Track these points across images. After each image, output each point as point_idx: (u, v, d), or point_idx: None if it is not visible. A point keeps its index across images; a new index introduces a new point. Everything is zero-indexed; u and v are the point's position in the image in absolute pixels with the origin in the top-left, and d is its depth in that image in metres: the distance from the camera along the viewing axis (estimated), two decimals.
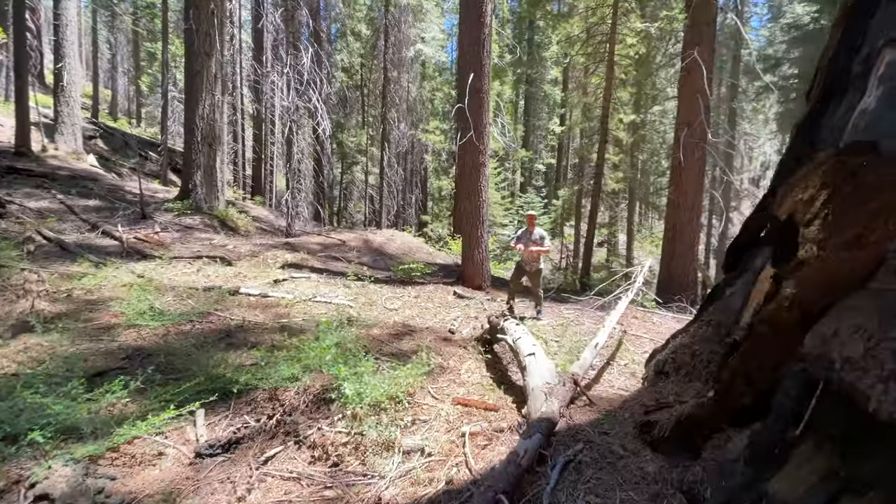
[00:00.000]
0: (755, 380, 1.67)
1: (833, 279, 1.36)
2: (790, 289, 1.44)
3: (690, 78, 9.46)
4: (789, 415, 1.56)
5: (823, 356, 1.38)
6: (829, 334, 1.39)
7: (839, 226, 1.27)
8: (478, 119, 7.98)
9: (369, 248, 11.18)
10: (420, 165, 21.75)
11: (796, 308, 1.46)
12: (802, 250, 1.37)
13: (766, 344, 1.58)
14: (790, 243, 1.45)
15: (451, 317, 6.49)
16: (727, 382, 1.78)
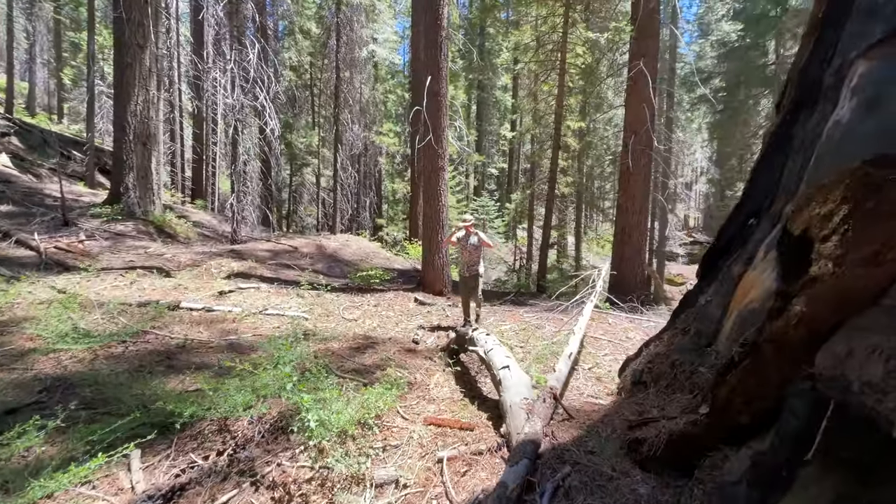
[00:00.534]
0: (755, 398, 1.61)
1: (845, 296, 1.29)
2: (800, 306, 1.36)
3: (637, 87, 9.83)
4: (796, 436, 1.49)
5: (839, 377, 1.30)
6: (843, 354, 1.32)
7: (857, 242, 1.20)
8: (436, 122, 7.81)
9: (323, 255, 10.67)
10: (374, 168, 21.28)
11: (804, 326, 1.39)
12: (816, 267, 1.29)
13: (769, 361, 1.51)
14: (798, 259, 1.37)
15: (413, 325, 6.25)
16: (724, 400, 1.71)
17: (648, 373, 2.64)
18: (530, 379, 3.24)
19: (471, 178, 26.59)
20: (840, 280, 1.25)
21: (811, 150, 2.11)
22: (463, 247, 5.79)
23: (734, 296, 2.25)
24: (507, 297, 8.94)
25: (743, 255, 2.33)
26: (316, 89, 23.61)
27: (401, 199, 25.85)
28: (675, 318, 2.84)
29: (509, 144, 29.61)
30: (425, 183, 8.13)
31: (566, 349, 3.71)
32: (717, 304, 2.38)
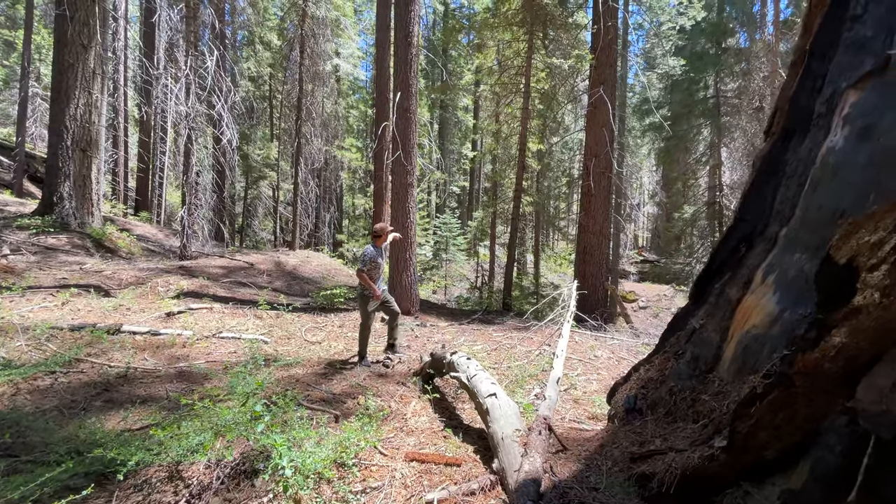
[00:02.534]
0: (783, 433, 1.52)
1: (891, 327, 1.21)
2: (840, 337, 1.28)
3: (597, 113, 10.19)
4: (834, 474, 1.40)
5: (886, 412, 1.22)
6: (888, 387, 1.24)
7: None
8: (406, 139, 7.66)
9: (282, 272, 10.11)
10: (335, 182, 20.77)
11: (842, 357, 1.31)
12: (861, 297, 1.22)
13: (801, 394, 1.43)
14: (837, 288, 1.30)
15: (381, 347, 5.94)
16: (746, 434, 1.61)
17: (643, 399, 2.54)
18: (518, 407, 3.07)
19: (433, 196, 26.61)
20: (886, 311, 1.18)
21: (804, 175, 2.13)
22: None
23: (733, 320, 2.21)
24: (475, 316, 8.79)
25: (737, 278, 2.31)
26: (275, 101, 22.93)
27: (362, 215, 25.37)
28: (665, 342, 2.79)
29: (471, 164, 30.02)
30: (394, 199, 7.91)
31: (552, 374, 3.58)
32: (712, 329, 2.33)
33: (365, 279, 5.12)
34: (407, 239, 7.91)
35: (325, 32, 13.89)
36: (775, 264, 2.09)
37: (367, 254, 5.18)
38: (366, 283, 5.14)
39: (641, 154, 28.36)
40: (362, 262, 5.15)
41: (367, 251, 5.21)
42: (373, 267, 5.23)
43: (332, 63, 15.43)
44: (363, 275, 5.11)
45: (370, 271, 5.20)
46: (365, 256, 5.17)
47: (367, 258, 5.17)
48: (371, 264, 5.20)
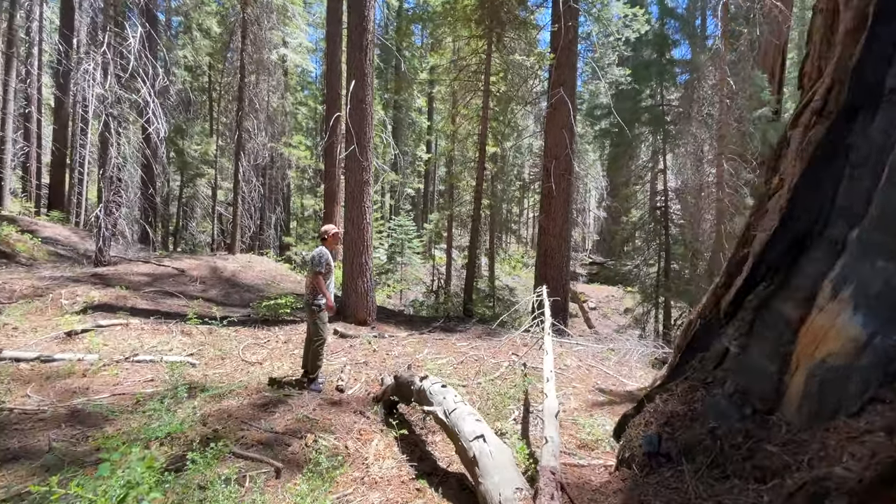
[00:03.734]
0: None
1: None
2: None
3: (557, 114, 9.91)
4: None
5: None
6: None
7: None
8: (361, 132, 6.89)
9: (219, 279, 8.93)
10: (282, 182, 19.36)
11: None
12: None
13: None
14: None
15: (335, 366, 5.13)
16: None
17: (670, 440, 2.02)
18: (511, 450, 2.45)
19: (387, 198, 25.70)
20: None
21: (880, 163, 1.70)
22: None
23: (796, 345, 1.74)
24: (436, 324, 8.14)
25: (790, 290, 1.86)
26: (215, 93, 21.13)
27: (311, 216, 23.97)
28: (684, 365, 2.31)
29: (425, 166, 29.41)
30: (348, 198, 7.10)
31: (547, 404, 2.99)
32: (762, 354, 1.85)
33: (321, 285, 4.34)
34: (363, 242, 7.13)
35: (271, 18, 12.72)
36: (849, 275, 1.65)
37: (323, 255, 4.41)
38: (321, 290, 4.36)
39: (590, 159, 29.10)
40: (317, 265, 4.37)
41: (322, 252, 4.44)
42: (328, 271, 4.47)
43: (279, 52, 14.23)
44: (320, 279, 4.33)
45: (324, 276, 4.44)
46: (321, 258, 4.39)
47: (324, 260, 4.41)
48: (327, 268, 4.44)
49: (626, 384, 5.51)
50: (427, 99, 28.78)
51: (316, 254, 4.43)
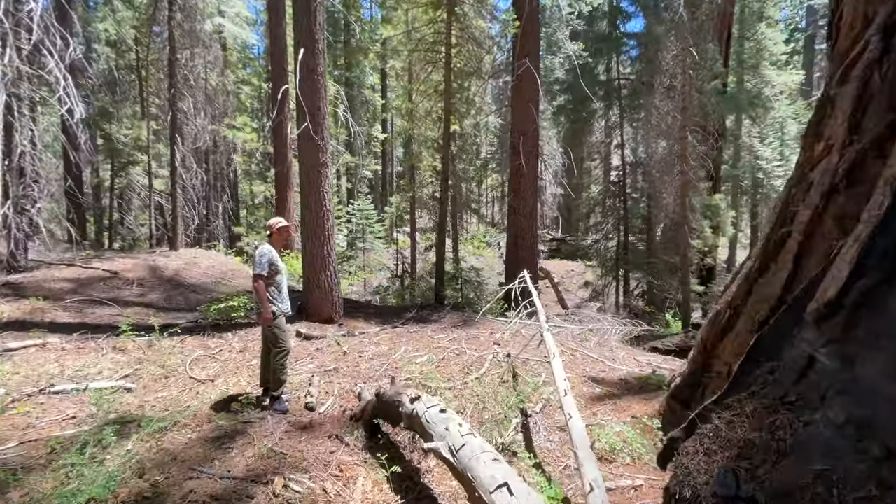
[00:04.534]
0: None
1: None
2: None
3: (523, 87, 9.38)
4: None
5: None
6: None
7: None
8: (314, 106, 6.04)
9: (160, 279, 7.86)
10: (228, 167, 17.75)
11: None
12: None
13: None
14: None
15: (301, 377, 4.47)
16: None
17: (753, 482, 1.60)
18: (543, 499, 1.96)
19: (343, 181, 24.42)
20: None
21: None
22: None
23: None
24: (408, 315, 7.57)
25: None
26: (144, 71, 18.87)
27: (262, 203, 22.39)
28: (745, 376, 1.90)
29: (382, 146, 28.21)
30: (304, 182, 6.28)
31: (574, 428, 2.45)
32: (879, 371, 1.44)
33: (261, 291, 3.64)
34: (323, 231, 6.37)
35: None
36: None
37: (265, 255, 3.70)
38: (259, 297, 3.67)
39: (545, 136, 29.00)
40: (259, 266, 3.66)
41: (264, 252, 3.73)
42: (274, 272, 3.76)
43: (214, 22, 12.68)
44: (259, 285, 3.63)
45: (269, 279, 3.73)
46: (261, 258, 3.68)
47: (266, 260, 3.70)
48: (271, 268, 3.73)
49: (616, 369, 5.24)
50: (380, 75, 27.38)
51: (257, 254, 3.71)
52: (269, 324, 3.68)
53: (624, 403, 3.70)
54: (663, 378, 4.04)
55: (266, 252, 3.69)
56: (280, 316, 3.78)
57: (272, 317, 3.68)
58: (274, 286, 3.77)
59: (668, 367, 5.68)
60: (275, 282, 3.77)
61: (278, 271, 3.78)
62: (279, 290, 3.81)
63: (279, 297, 3.80)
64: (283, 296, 3.84)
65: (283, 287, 3.84)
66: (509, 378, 4.51)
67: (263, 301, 3.65)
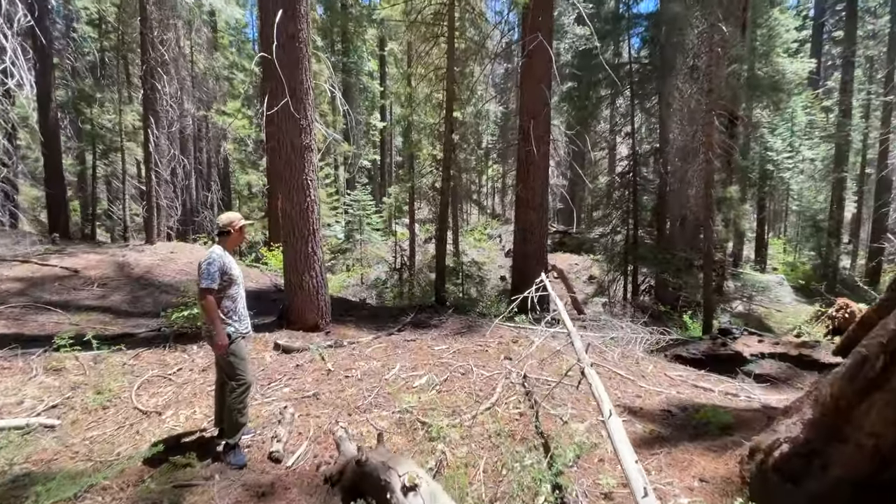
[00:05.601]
0: None
1: None
2: None
3: (534, 66, 8.38)
4: None
5: None
6: None
7: None
8: (294, 77, 5.08)
9: (128, 278, 6.95)
10: (218, 156, 16.74)
11: None
12: None
13: None
14: None
15: (271, 406, 3.59)
16: None
17: None
18: None
19: (341, 170, 23.40)
20: None
21: None
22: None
23: None
24: (406, 320, 6.68)
25: None
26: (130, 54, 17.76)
27: (257, 194, 21.39)
28: None
29: (380, 135, 27.14)
30: (285, 168, 5.34)
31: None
32: None
33: (211, 309, 2.74)
34: (307, 225, 5.45)
35: None
36: None
37: (214, 260, 2.79)
38: (209, 317, 2.77)
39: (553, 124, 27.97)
40: (207, 277, 2.75)
41: (213, 256, 2.81)
42: (227, 284, 2.85)
43: None
44: (208, 302, 2.73)
45: (222, 292, 2.83)
46: (209, 266, 2.77)
47: (216, 268, 2.79)
48: (224, 279, 2.82)
49: (651, 391, 4.37)
50: (378, 62, 26.21)
51: (203, 262, 2.80)
52: (224, 351, 2.79)
53: (682, 454, 2.83)
54: (726, 417, 3.16)
55: (215, 258, 2.78)
56: (238, 339, 2.88)
57: (227, 342, 2.78)
58: (228, 300, 2.87)
59: (707, 386, 4.83)
60: (229, 295, 2.86)
61: (233, 281, 2.87)
62: (235, 304, 2.91)
63: (236, 313, 2.90)
64: (240, 312, 2.94)
65: (239, 301, 2.94)
66: (529, 411, 3.63)
67: (215, 322, 2.75)
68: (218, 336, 2.75)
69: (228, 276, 2.83)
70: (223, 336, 2.75)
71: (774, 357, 6.38)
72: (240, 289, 2.94)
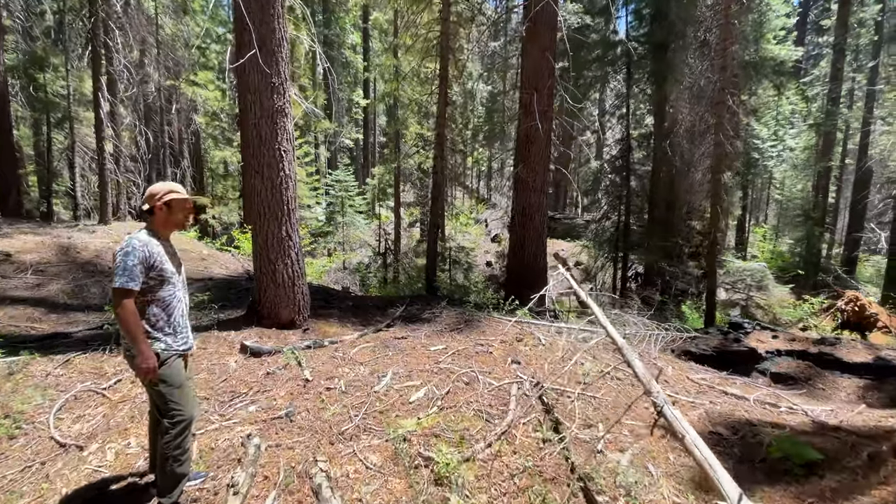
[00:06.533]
0: None
1: None
2: None
3: (538, 31, 7.52)
4: None
5: None
6: None
7: None
8: (265, 24, 4.12)
9: (72, 263, 5.93)
10: (187, 129, 15.35)
11: None
12: None
13: None
14: None
15: (232, 434, 2.79)
16: None
17: None
18: None
19: (321, 149, 22.07)
20: None
21: None
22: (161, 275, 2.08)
23: None
24: (396, 313, 5.91)
25: None
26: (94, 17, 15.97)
27: (233, 172, 20.00)
28: None
29: (363, 113, 25.79)
30: (254, 136, 4.41)
31: None
32: None
33: (130, 319, 1.91)
34: (281, 205, 4.56)
35: None
36: None
37: (133, 250, 1.93)
38: (126, 330, 1.91)
39: None
40: (123, 273, 1.90)
41: (134, 244, 1.95)
42: (155, 283, 2.01)
43: None
44: (124, 308, 1.89)
45: (149, 294, 2.00)
46: (126, 257, 1.92)
47: (135, 260, 1.93)
48: (151, 275, 1.97)
49: (682, 401, 3.75)
50: (362, 35, 24.67)
51: (118, 251, 1.94)
52: (151, 376, 1.96)
53: None
54: (810, 452, 2.52)
55: (135, 247, 1.93)
56: (172, 358, 2.05)
57: (154, 364, 1.96)
58: (158, 306, 2.03)
59: (737, 392, 4.26)
60: (159, 299, 2.02)
61: (165, 279, 2.03)
62: (169, 312, 2.06)
63: (169, 324, 2.06)
64: (175, 322, 2.09)
65: (175, 306, 2.10)
66: (552, 435, 2.94)
67: (135, 337, 1.91)
68: (141, 356, 1.92)
69: (158, 273, 1.98)
70: (148, 356, 1.93)
71: (792, 355, 5.89)
72: (176, 290, 2.10)
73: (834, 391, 5.12)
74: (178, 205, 2.11)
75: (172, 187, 2.12)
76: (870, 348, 5.70)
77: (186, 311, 2.20)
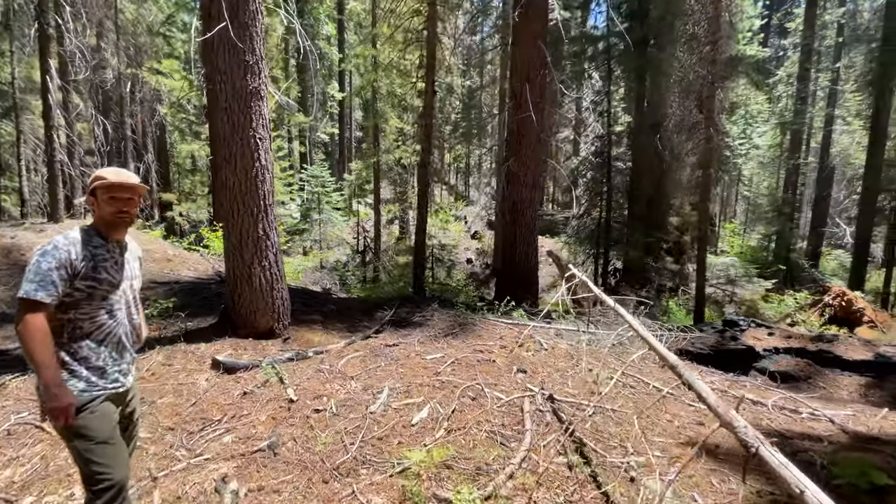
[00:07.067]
0: None
1: None
2: None
3: (530, 18, 7.16)
4: None
5: None
6: None
7: None
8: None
9: (13, 266, 5.18)
10: (151, 120, 14.28)
11: None
12: None
13: None
14: None
15: (201, 476, 2.29)
16: None
17: None
18: None
19: (295, 144, 21.16)
20: None
21: None
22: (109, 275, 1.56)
23: None
24: (385, 317, 5.44)
25: None
26: None
27: (202, 167, 18.88)
28: None
29: (339, 107, 24.91)
30: (224, 122, 3.85)
31: None
32: None
33: (32, 340, 1.35)
34: (256, 200, 4.02)
35: None
36: None
37: (51, 250, 1.40)
38: (31, 357, 1.36)
39: None
40: (32, 279, 1.35)
41: (53, 244, 1.41)
42: (83, 296, 1.46)
43: None
44: (33, 325, 1.36)
45: (70, 309, 1.46)
46: (41, 258, 1.38)
47: (48, 264, 1.38)
48: (80, 286, 1.45)
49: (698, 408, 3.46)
50: (336, 26, 23.77)
51: (36, 252, 1.41)
52: (67, 423, 1.44)
53: None
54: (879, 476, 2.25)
55: (59, 245, 1.42)
56: (97, 401, 1.53)
57: (66, 405, 1.42)
58: (82, 327, 1.50)
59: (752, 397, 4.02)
60: (85, 317, 1.49)
61: (98, 291, 1.50)
62: (97, 336, 1.53)
63: (97, 354, 1.53)
64: (105, 350, 1.57)
65: (109, 329, 1.56)
66: (576, 459, 2.58)
67: (41, 365, 1.37)
68: (50, 393, 1.40)
69: (88, 284, 1.46)
70: (58, 394, 1.41)
71: (790, 352, 5.78)
72: (115, 308, 1.56)
73: (835, 389, 4.99)
74: (102, 193, 1.55)
75: (104, 173, 1.59)
76: (867, 345, 5.63)
77: (129, 338, 1.66)
